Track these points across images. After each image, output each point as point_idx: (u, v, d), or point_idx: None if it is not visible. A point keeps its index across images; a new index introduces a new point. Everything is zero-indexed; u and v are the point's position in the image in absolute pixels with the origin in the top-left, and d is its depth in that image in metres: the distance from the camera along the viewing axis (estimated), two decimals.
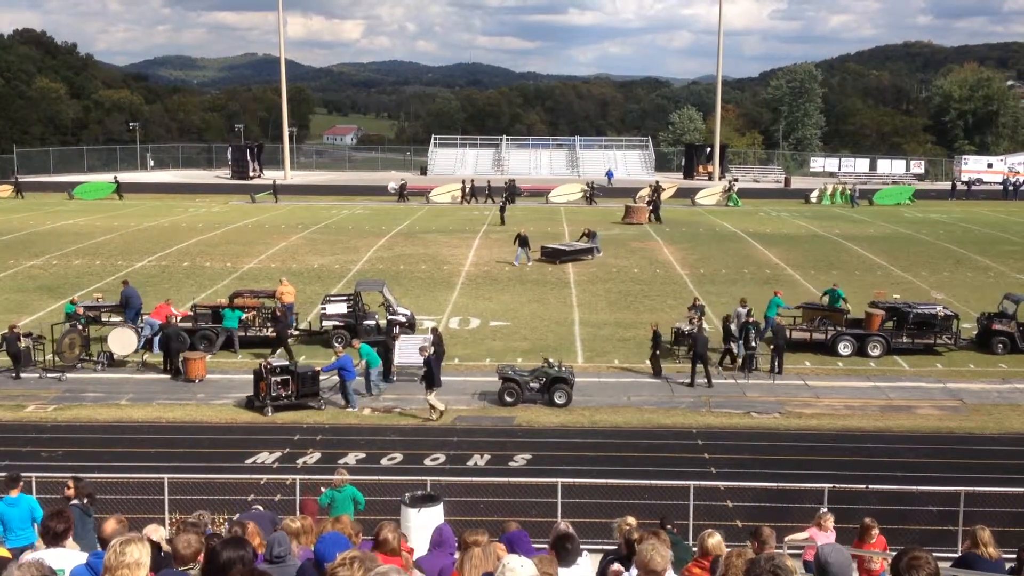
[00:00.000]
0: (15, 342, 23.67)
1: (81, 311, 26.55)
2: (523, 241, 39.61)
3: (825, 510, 13.24)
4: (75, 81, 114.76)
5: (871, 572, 11.76)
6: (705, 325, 25.85)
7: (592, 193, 65.01)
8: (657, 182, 64.71)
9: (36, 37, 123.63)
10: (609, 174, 77.20)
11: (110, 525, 6.90)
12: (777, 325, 25.86)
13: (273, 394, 21.38)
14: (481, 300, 33.20)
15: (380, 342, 24.37)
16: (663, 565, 6.08)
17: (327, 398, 22.32)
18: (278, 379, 21.48)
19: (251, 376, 22.16)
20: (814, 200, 66.23)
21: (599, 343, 27.72)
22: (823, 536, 12.40)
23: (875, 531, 12.27)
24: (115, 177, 68.59)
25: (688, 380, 23.77)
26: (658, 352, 24.63)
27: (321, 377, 22.18)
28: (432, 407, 21.17)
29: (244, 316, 26.87)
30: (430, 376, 21.52)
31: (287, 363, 22.31)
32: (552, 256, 40.14)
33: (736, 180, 69.62)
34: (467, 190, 64.59)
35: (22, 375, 23.84)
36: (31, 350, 24.25)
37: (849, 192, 66.15)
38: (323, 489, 14.57)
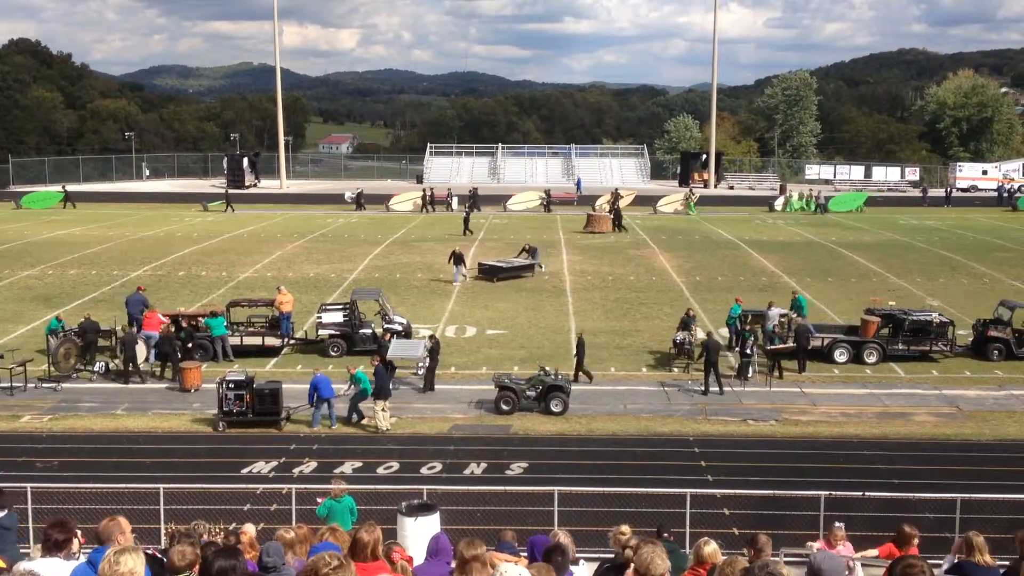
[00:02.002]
0: None
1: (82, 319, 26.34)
2: (458, 259, 37.47)
3: (839, 525, 12.37)
4: (70, 91, 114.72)
5: None
6: (722, 332, 25.86)
7: (548, 201, 65.19)
8: (616, 189, 65.00)
9: (31, 47, 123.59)
10: (578, 182, 77.71)
11: (103, 524, 6.87)
12: (801, 326, 25.98)
13: (226, 409, 20.98)
14: (477, 308, 33.20)
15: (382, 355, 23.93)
16: (663, 568, 6.07)
17: (293, 416, 21.51)
18: (231, 394, 20.93)
19: None
20: (778, 208, 66.41)
21: (595, 351, 27.63)
22: (842, 549, 11.83)
23: (915, 540, 10.94)
24: (63, 186, 68.73)
25: (703, 387, 23.78)
26: (583, 359, 24.45)
27: (303, 407, 21.50)
28: (377, 419, 20.92)
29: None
30: (379, 386, 21.16)
31: (243, 378, 21.50)
32: (490, 273, 38.05)
33: (693, 189, 69.64)
34: (427, 198, 64.70)
35: None
36: None
37: (814, 199, 66.32)
38: (320, 500, 14.52)
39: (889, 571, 4.72)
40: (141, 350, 25.06)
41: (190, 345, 25.87)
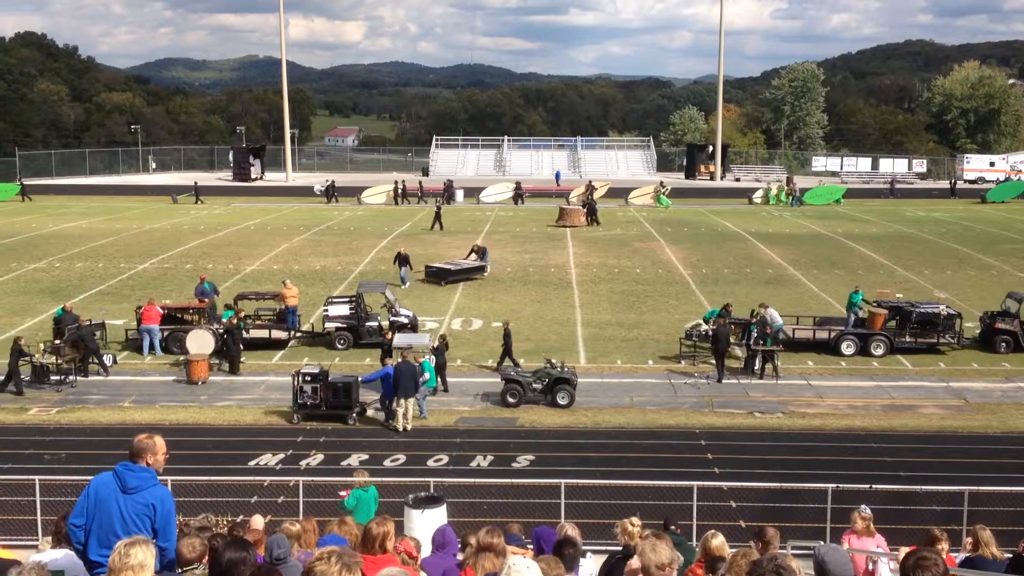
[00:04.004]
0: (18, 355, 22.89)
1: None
2: (403, 260, 35.59)
3: (863, 507, 11.67)
4: (77, 84, 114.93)
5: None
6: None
7: (518, 193, 65.19)
8: (590, 181, 64.80)
9: (37, 40, 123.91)
10: (557, 175, 77.72)
11: (140, 437, 6.82)
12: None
13: (300, 401, 21.14)
14: (483, 301, 33.18)
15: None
16: (667, 559, 6.06)
17: (371, 414, 21.53)
18: (308, 388, 21.09)
19: (254, 378, 22.15)
20: (758, 200, 66.25)
21: (601, 343, 27.70)
22: (869, 543, 11.13)
23: (941, 545, 10.10)
24: (20, 179, 69.39)
25: (716, 377, 23.97)
26: (510, 351, 24.35)
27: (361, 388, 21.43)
28: (396, 417, 20.78)
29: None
30: (403, 384, 20.80)
31: (316, 371, 21.54)
32: (438, 276, 36.24)
33: (663, 183, 69.42)
34: (399, 191, 64.65)
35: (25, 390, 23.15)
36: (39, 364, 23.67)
37: (789, 192, 66.12)
38: (343, 493, 14.39)
39: (903, 563, 4.73)
40: (209, 341, 24.75)
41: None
